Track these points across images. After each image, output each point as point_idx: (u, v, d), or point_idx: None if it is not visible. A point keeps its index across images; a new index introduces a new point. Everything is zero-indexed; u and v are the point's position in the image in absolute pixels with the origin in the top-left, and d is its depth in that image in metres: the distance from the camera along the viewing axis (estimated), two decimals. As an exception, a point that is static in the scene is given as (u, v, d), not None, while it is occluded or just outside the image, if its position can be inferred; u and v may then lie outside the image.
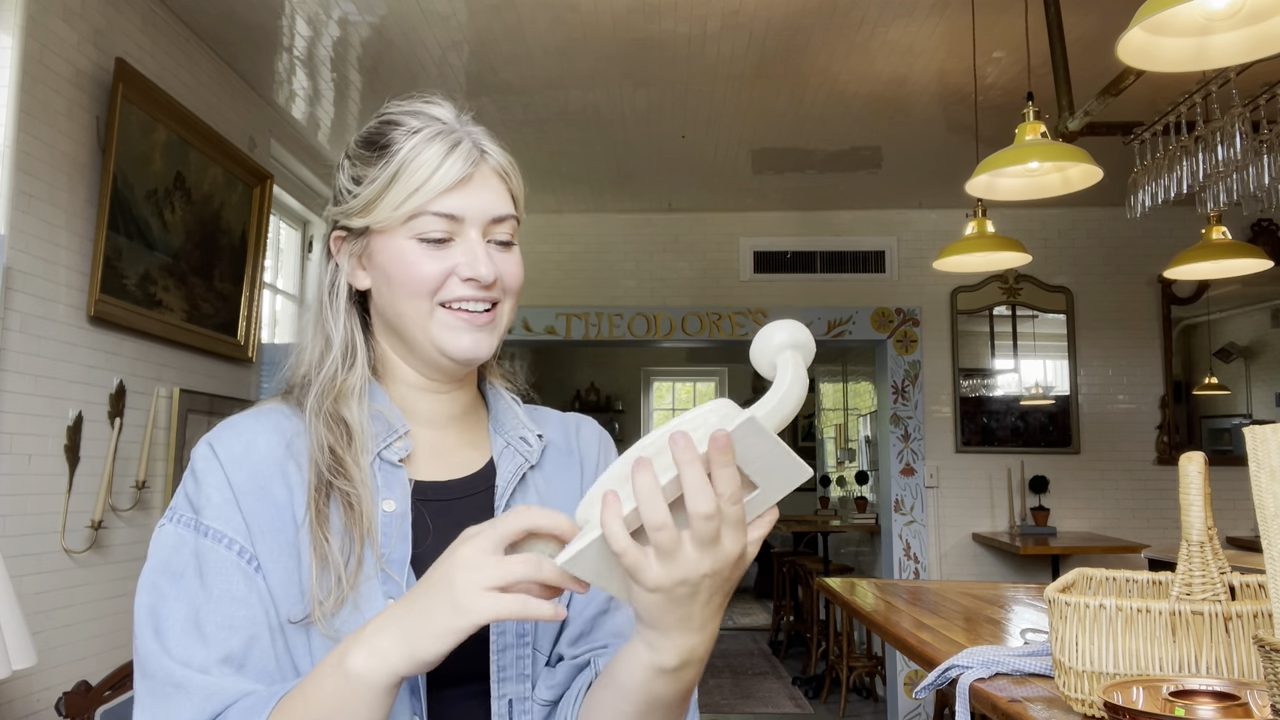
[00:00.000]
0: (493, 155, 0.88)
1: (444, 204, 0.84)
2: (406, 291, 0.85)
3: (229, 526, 0.79)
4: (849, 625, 5.64)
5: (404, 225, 0.84)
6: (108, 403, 2.65)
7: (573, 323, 5.31)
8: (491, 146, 0.88)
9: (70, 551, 2.49)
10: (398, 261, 0.85)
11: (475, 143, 0.87)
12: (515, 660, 0.84)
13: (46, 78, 2.40)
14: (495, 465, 0.92)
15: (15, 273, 2.29)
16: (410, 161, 0.83)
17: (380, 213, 0.85)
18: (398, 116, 0.88)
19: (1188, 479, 1.23)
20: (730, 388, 11.05)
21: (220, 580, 0.77)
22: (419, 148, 0.84)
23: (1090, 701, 1.27)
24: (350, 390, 0.87)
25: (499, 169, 0.88)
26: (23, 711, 2.30)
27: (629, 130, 4.16)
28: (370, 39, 3.25)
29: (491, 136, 0.90)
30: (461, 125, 0.88)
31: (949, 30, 3.21)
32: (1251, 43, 1.73)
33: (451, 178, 0.83)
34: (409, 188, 0.83)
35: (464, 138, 0.86)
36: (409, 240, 0.84)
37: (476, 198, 0.85)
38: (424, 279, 0.84)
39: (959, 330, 5.31)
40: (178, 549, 0.79)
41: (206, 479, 0.81)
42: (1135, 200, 2.73)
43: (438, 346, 0.85)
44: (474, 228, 0.85)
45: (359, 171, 0.87)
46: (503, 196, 0.88)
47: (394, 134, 0.86)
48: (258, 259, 3.52)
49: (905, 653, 1.92)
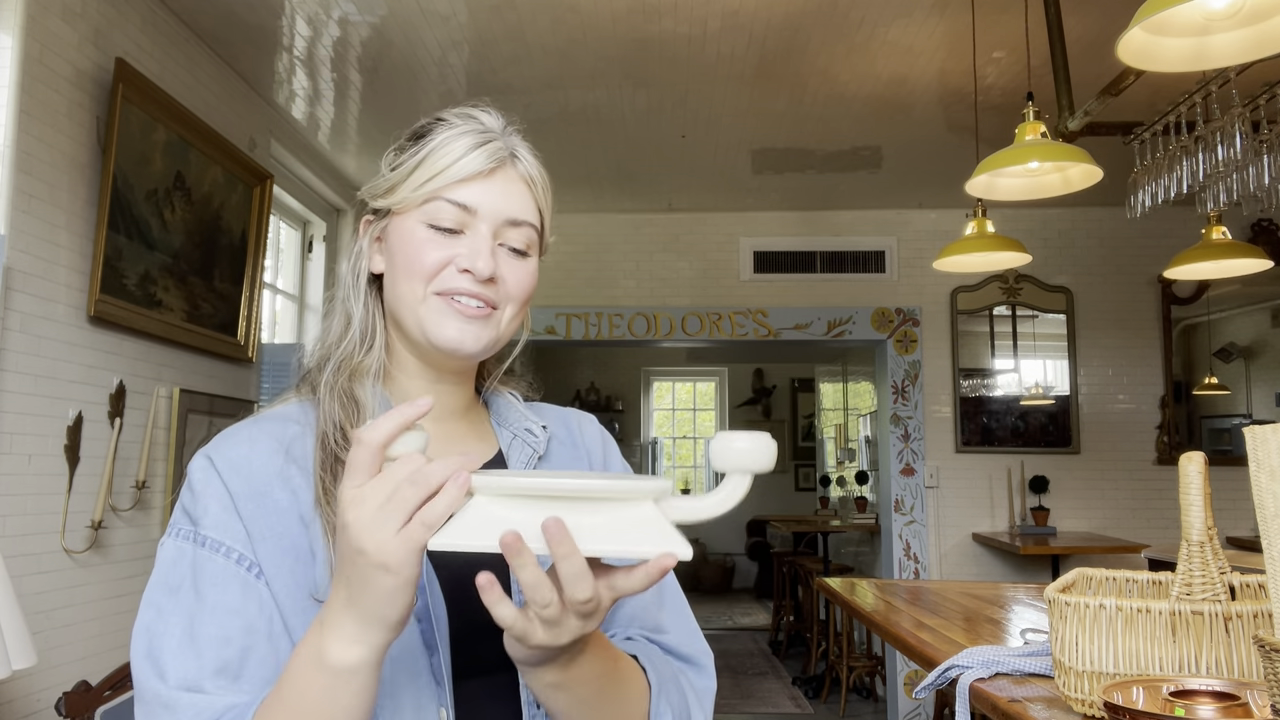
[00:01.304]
0: (524, 162, 0.88)
1: (460, 193, 0.84)
2: (406, 273, 0.85)
3: (227, 535, 0.79)
4: (849, 625, 5.64)
5: (419, 208, 0.85)
6: (108, 403, 2.65)
7: (573, 323, 5.31)
8: (526, 155, 0.89)
9: (70, 551, 2.49)
10: (405, 242, 0.85)
11: (510, 146, 0.88)
12: None
13: (46, 78, 2.40)
14: (505, 456, 0.93)
15: (15, 273, 2.29)
16: (439, 149, 0.85)
17: (401, 193, 0.86)
18: (447, 116, 0.89)
19: (1188, 479, 1.23)
20: (730, 387, 11.06)
21: (215, 591, 0.77)
22: (450, 140, 0.85)
23: (1090, 701, 1.27)
24: (366, 370, 0.88)
25: (526, 175, 0.88)
26: (23, 711, 2.30)
27: (629, 130, 4.16)
28: (370, 39, 3.25)
29: (533, 151, 0.90)
30: (504, 134, 0.88)
31: (949, 30, 3.21)
32: (1251, 43, 1.73)
33: (473, 168, 0.84)
34: (431, 171, 0.84)
35: (498, 138, 0.87)
36: (420, 224, 0.85)
37: (495, 195, 0.86)
38: (424, 263, 0.84)
39: (959, 330, 5.31)
40: (176, 563, 0.79)
41: (204, 490, 0.81)
42: (1135, 200, 2.73)
43: (424, 331, 0.85)
44: (486, 223, 0.85)
45: (395, 159, 0.89)
46: (524, 201, 0.87)
47: (436, 128, 0.87)
48: (258, 259, 3.52)
49: (905, 653, 1.92)
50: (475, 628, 0.82)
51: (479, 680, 0.82)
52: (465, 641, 0.82)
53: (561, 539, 0.61)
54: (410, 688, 0.79)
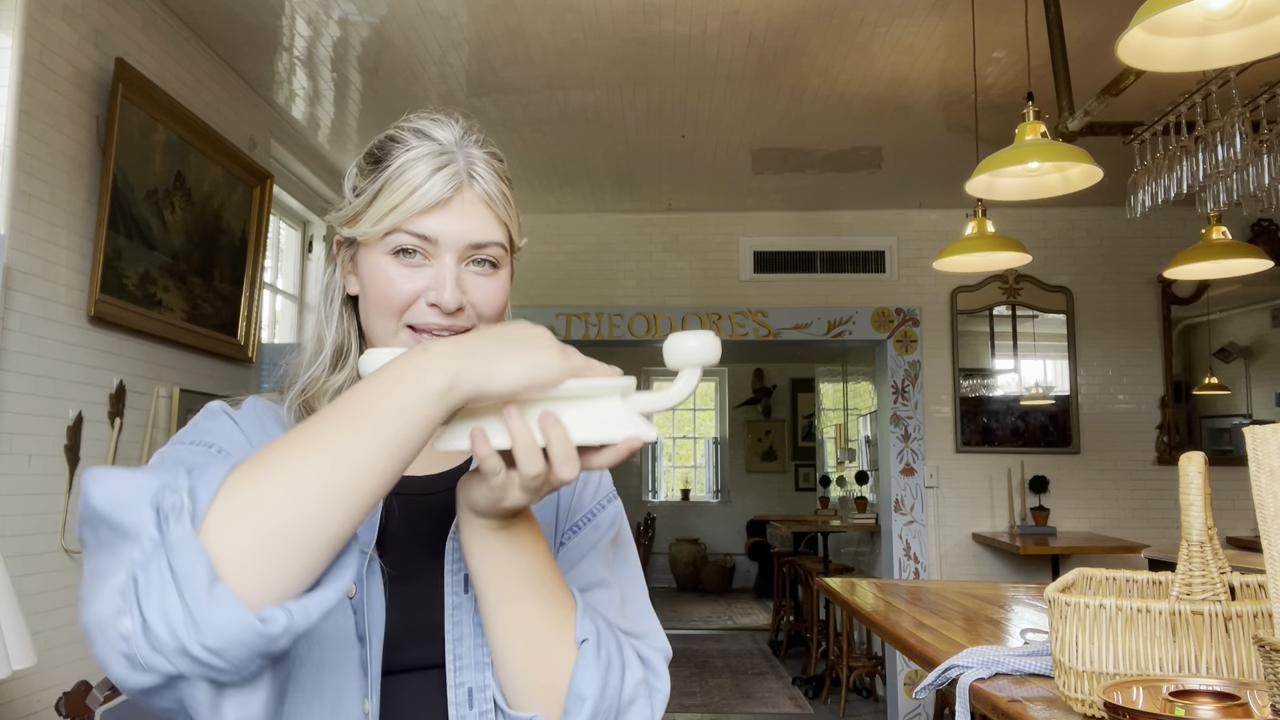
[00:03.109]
0: (482, 181, 0.86)
1: (420, 225, 0.84)
2: (377, 308, 0.86)
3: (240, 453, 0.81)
4: (849, 625, 5.64)
5: (381, 241, 0.85)
6: (108, 403, 2.65)
7: (573, 323, 5.31)
8: (485, 172, 0.87)
9: (70, 551, 2.49)
10: (374, 276, 0.86)
11: (469, 166, 0.86)
12: (473, 649, 0.83)
13: (46, 78, 2.40)
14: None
15: (15, 273, 2.29)
16: (395, 179, 0.84)
17: (363, 226, 0.86)
18: (402, 134, 0.88)
19: (1188, 479, 1.23)
20: (730, 387, 11.06)
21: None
22: (405, 166, 0.84)
23: (1090, 701, 1.27)
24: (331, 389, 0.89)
25: (485, 196, 0.86)
26: (23, 711, 2.30)
27: (629, 130, 4.16)
28: (370, 39, 3.25)
29: (492, 159, 0.88)
30: (461, 147, 0.87)
31: (949, 30, 3.21)
32: (1251, 43, 1.73)
33: (430, 199, 0.83)
34: (389, 205, 0.84)
35: (455, 160, 0.85)
36: (385, 256, 0.85)
37: (455, 222, 0.85)
38: (394, 298, 0.85)
39: (959, 330, 5.31)
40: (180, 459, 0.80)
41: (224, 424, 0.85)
42: (1135, 200, 2.73)
43: None
44: (450, 252, 0.85)
45: (357, 183, 0.89)
46: (486, 223, 0.86)
47: (393, 150, 0.86)
48: (258, 259, 3.52)
49: (905, 653, 1.92)
50: (410, 625, 0.83)
51: (408, 676, 0.83)
52: (399, 638, 0.82)
53: (554, 424, 0.69)
54: (335, 676, 0.79)
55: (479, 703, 0.83)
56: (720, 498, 11.05)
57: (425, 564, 0.85)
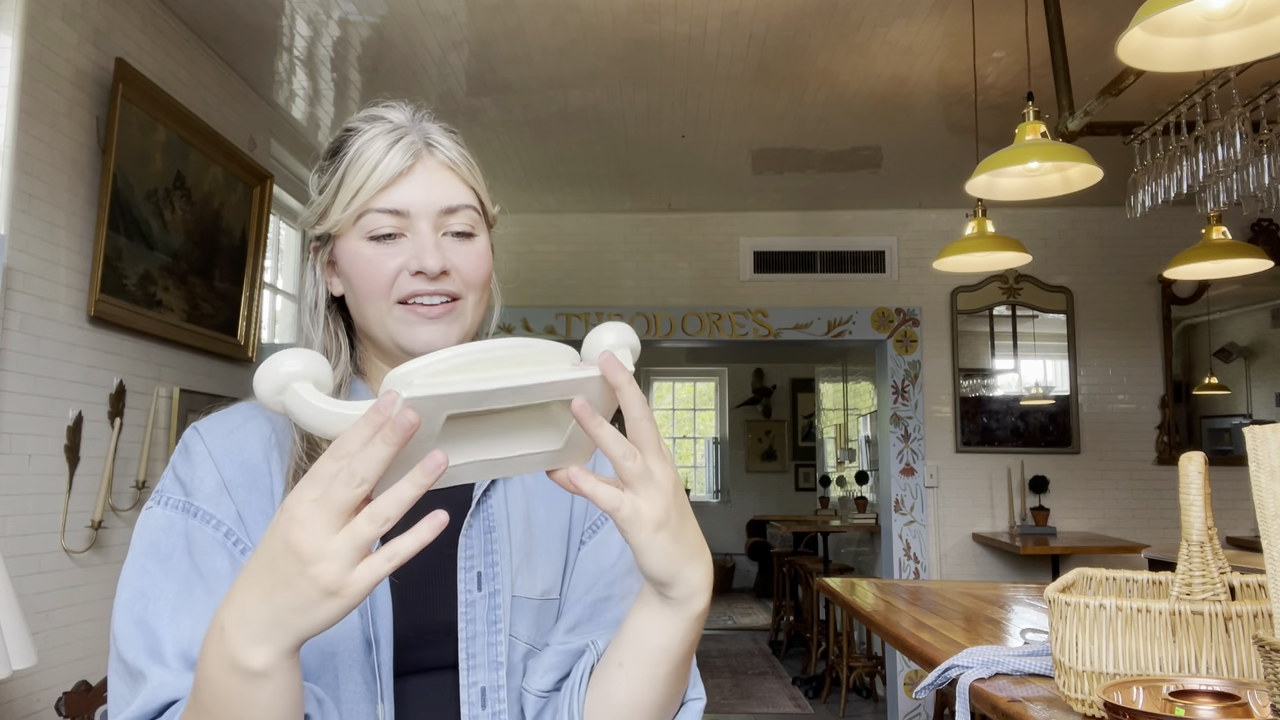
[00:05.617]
0: (441, 149, 0.87)
1: (388, 199, 0.84)
2: (365, 295, 0.85)
3: (219, 510, 0.80)
4: (849, 625, 5.64)
5: (355, 226, 0.85)
6: (108, 403, 2.65)
7: (573, 323, 5.31)
8: (443, 140, 0.87)
9: (70, 551, 2.49)
10: (354, 263, 0.85)
11: (424, 137, 0.86)
12: (486, 647, 0.83)
13: (46, 78, 2.40)
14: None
15: (15, 273, 2.29)
16: (354, 163, 0.84)
17: (333, 216, 0.85)
18: (355, 124, 0.88)
19: (1188, 479, 1.23)
20: (730, 387, 11.06)
21: (208, 560, 0.77)
22: (363, 148, 0.84)
23: (1090, 701, 1.27)
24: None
25: (447, 161, 0.87)
26: (23, 711, 2.30)
27: (629, 130, 4.16)
28: (370, 39, 3.25)
29: (448, 132, 0.89)
30: (415, 123, 0.87)
31: (949, 30, 3.21)
32: (1251, 43, 1.73)
33: (391, 171, 0.83)
34: (354, 187, 0.84)
35: (410, 133, 0.86)
36: (361, 241, 0.85)
37: (422, 190, 0.85)
38: (378, 279, 0.84)
39: (959, 330, 5.31)
40: (167, 530, 0.78)
41: (199, 463, 0.82)
42: (1135, 200, 2.73)
43: (396, 343, 0.86)
44: (423, 220, 0.84)
45: (320, 180, 0.88)
46: (453, 187, 0.86)
47: (348, 139, 0.86)
48: (258, 259, 3.52)
49: (905, 653, 1.92)
50: (421, 627, 0.82)
51: (420, 678, 0.82)
52: (410, 640, 0.82)
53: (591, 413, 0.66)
54: (346, 681, 0.79)
55: (492, 703, 0.82)
56: (720, 498, 11.05)
57: (435, 564, 0.85)
